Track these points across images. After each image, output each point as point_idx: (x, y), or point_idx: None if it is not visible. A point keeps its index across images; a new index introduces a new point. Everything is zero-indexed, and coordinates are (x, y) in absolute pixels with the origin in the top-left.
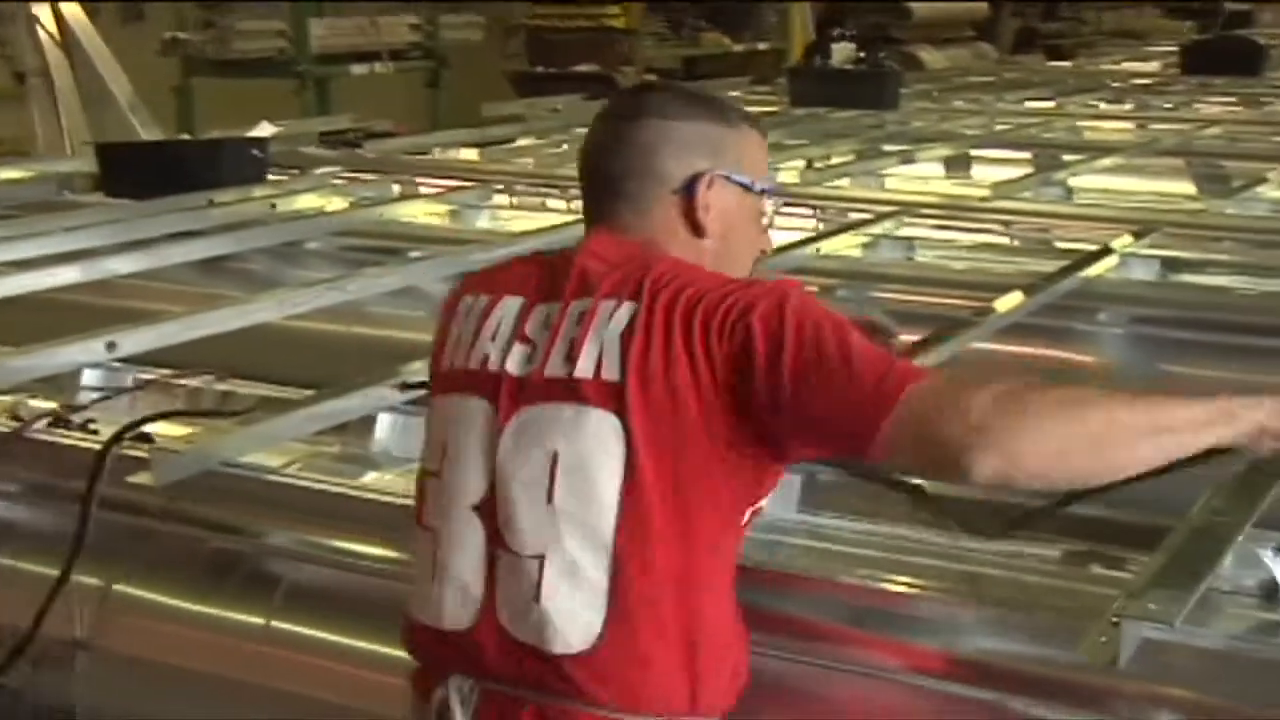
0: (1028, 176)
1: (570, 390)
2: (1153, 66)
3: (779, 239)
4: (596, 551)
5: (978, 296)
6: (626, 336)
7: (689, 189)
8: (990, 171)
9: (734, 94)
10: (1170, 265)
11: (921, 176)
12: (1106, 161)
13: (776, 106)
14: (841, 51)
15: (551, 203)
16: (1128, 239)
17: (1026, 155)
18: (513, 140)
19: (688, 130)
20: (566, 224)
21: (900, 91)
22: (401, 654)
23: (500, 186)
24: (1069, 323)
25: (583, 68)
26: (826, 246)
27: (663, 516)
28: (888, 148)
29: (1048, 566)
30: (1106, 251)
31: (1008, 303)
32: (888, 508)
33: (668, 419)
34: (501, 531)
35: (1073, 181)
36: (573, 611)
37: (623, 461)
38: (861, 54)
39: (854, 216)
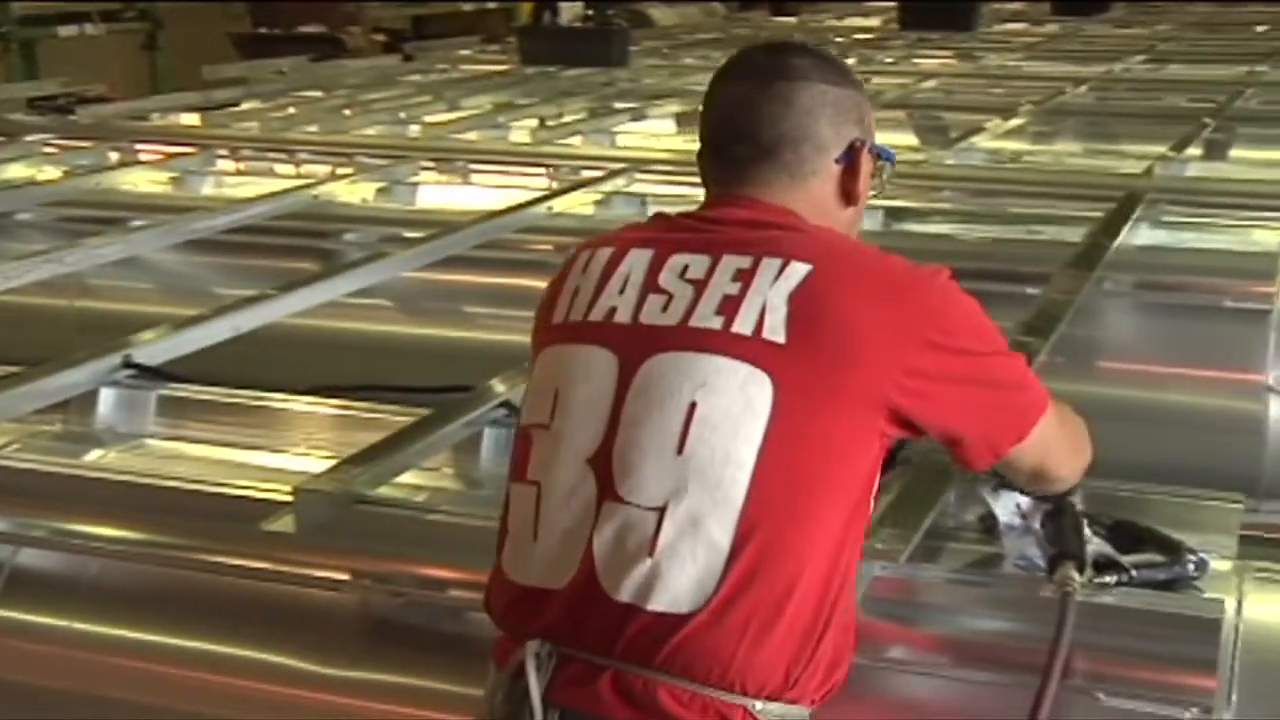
0: None
1: (722, 343)
2: (874, 22)
3: (511, 198)
4: (724, 511)
5: None
6: (798, 298)
7: (849, 158)
8: None
9: (464, 53)
10: (894, 214)
11: (653, 133)
12: None
13: (507, 65)
14: (570, 10)
15: (280, 167)
16: None
17: None
18: (237, 104)
19: (841, 96)
20: (296, 188)
21: (630, 49)
22: (135, 635)
23: (224, 152)
24: None
25: (308, 29)
26: (559, 204)
27: (797, 488)
28: (619, 105)
29: None
30: None
31: None
32: None
33: (824, 388)
34: (616, 483)
35: None
36: (687, 569)
37: (766, 424)
38: (590, 12)
39: (586, 174)
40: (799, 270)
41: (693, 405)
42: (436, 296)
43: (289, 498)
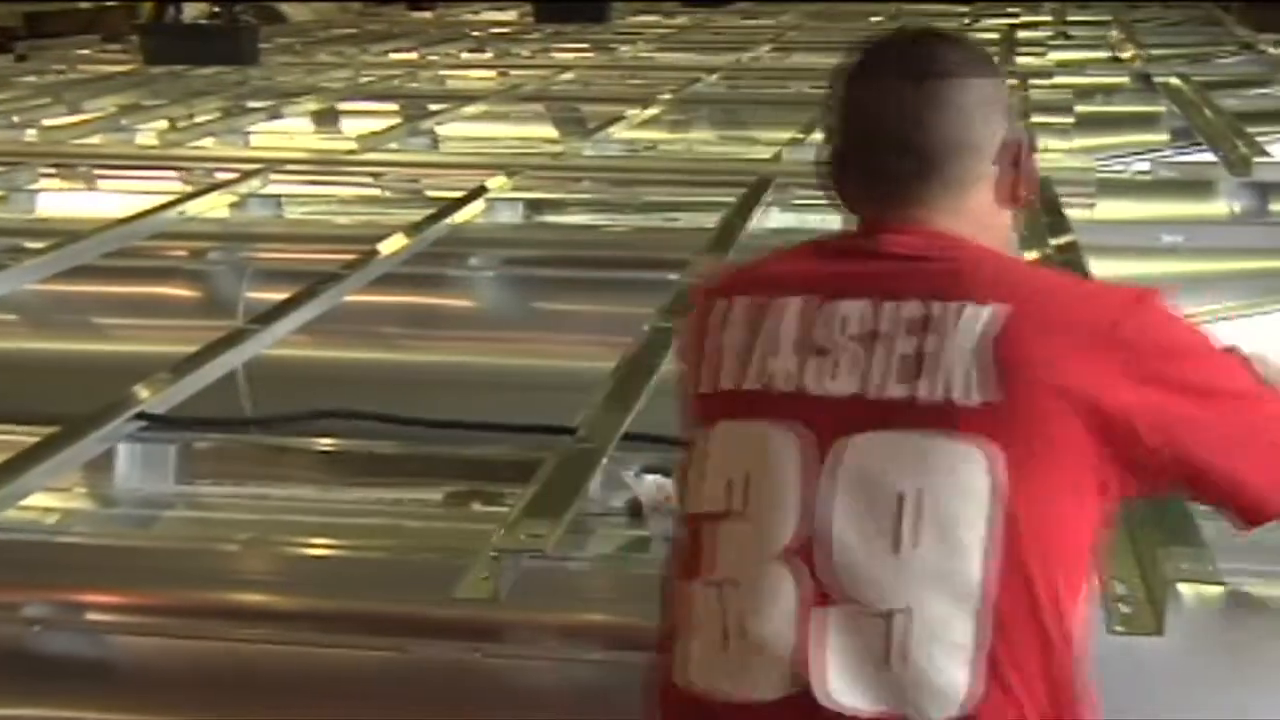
0: (395, 127)
1: (918, 417)
2: (509, 16)
3: (139, 205)
4: (962, 607)
5: (351, 249)
6: (1000, 347)
7: (1002, 157)
8: (358, 124)
9: (83, 52)
10: (534, 206)
11: (288, 132)
12: (470, 109)
13: (130, 65)
14: (195, 7)
15: None
16: (498, 181)
17: (393, 106)
18: None
19: (992, 90)
20: None
21: (260, 46)
22: None
23: None
24: (441, 269)
25: None
26: (192, 208)
27: (1030, 565)
28: (253, 104)
29: (429, 510)
30: (476, 195)
31: (390, 246)
32: (265, 470)
33: (1046, 448)
34: (825, 581)
35: (439, 130)
36: (944, 670)
37: (988, 500)
38: (217, 9)
39: (221, 176)
40: (982, 315)
41: (901, 496)
42: (64, 309)
43: None
